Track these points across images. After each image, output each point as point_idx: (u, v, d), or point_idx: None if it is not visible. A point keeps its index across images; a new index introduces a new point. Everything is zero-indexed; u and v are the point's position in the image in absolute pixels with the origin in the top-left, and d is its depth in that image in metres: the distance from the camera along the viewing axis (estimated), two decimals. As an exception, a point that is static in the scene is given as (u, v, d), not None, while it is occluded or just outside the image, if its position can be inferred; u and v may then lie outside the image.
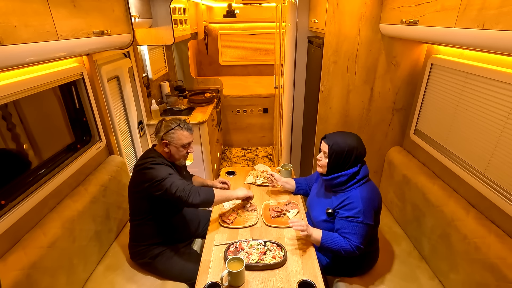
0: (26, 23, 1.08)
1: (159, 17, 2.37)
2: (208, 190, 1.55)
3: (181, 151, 1.61)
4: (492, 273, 1.23)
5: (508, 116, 1.28)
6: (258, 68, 4.91)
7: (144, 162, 1.53)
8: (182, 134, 1.58)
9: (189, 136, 1.62)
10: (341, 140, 1.44)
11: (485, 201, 1.41)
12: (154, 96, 3.03)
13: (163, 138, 1.57)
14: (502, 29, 0.99)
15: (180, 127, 1.58)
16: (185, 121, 1.64)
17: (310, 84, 2.43)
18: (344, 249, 1.38)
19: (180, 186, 1.47)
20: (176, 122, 1.59)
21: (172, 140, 1.57)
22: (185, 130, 1.59)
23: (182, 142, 1.58)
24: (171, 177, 1.49)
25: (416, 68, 2.00)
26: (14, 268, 1.18)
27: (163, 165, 1.53)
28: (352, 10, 1.85)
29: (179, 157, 1.63)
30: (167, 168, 1.53)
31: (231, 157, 4.15)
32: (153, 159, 1.55)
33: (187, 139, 1.60)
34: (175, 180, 1.48)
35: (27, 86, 1.33)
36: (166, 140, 1.57)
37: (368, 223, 1.38)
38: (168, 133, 1.57)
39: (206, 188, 1.56)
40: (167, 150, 1.60)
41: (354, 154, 1.42)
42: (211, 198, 1.53)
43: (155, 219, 1.59)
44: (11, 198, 1.29)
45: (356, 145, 1.43)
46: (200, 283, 1.26)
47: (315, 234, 1.42)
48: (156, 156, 1.58)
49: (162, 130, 1.58)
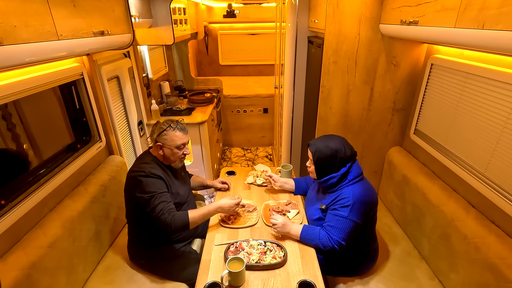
0: (26, 23, 1.08)
1: (159, 17, 2.37)
2: (182, 214, 1.46)
3: (176, 152, 1.56)
4: (492, 273, 1.23)
5: (508, 116, 1.28)
6: (258, 68, 4.91)
7: (137, 170, 1.49)
8: (175, 135, 1.53)
9: (183, 137, 1.56)
10: (322, 146, 1.46)
11: (485, 201, 1.41)
12: (154, 96, 3.03)
13: (156, 140, 1.54)
14: (502, 29, 0.99)
15: (171, 127, 1.54)
16: (178, 121, 1.59)
17: (310, 84, 2.43)
18: (323, 243, 1.40)
19: (162, 212, 1.42)
20: (168, 123, 1.55)
21: (166, 142, 1.53)
22: (177, 130, 1.55)
23: (176, 143, 1.54)
24: (157, 197, 1.44)
25: (416, 68, 2.00)
26: (14, 268, 1.17)
27: (154, 178, 1.47)
28: (352, 10, 1.85)
29: (174, 159, 1.59)
30: (157, 182, 1.48)
31: (231, 157, 4.15)
32: (146, 165, 1.51)
33: (180, 140, 1.55)
34: (159, 203, 1.43)
35: (27, 86, 1.33)
36: (159, 142, 1.54)
37: (354, 221, 1.38)
38: (161, 135, 1.53)
39: (181, 213, 1.47)
40: (162, 153, 1.56)
41: (339, 156, 1.43)
42: (186, 221, 1.44)
43: (146, 224, 1.54)
44: (11, 198, 1.29)
45: (339, 147, 1.44)
46: (200, 283, 1.26)
47: (293, 231, 1.46)
48: (150, 161, 1.54)
49: (156, 132, 1.55)
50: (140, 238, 1.62)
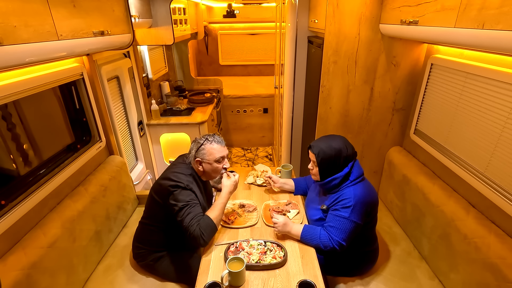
0: (26, 23, 1.08)
1: (159, 17, 2.37)
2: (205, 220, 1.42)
3: (215, 167, 1.53)
4: (492, 273, 1.23)
5: (508, 116, 1.28)
6: (258, 68, 4.91)
7: (176, 180, 1.45)
8: (213, 148, 1.51)
9: (221, 149, 1.53)
10: (325, 146, 1.45)
11: (485, 201, 1.41)
12: (154, 96, 3.04)
13: (195, 156, 1.52)
14: (502, 29, 0.99)
15: (208, 141, 1.52)
16: (215, 135, 1.57)
17: (310, 84, 2.43)
18: (323, 243, 1.40)
19: (191, 222, 1.38)
20: (204, 137, 1.53)
21: (204, 157, 1.51)
22: (214, 143, 1.52)
23: (215, 157, 1.51)
24: (190, 205, 1.41)
25: (416, 68, 2.00)
26: (14, 268, 1.17)
27: (190, 191, 1.45)
28: (352, 10, 1.85)
29: (215, 175, 1.56)
30: (192, 195, 1.45)
31: (231, 157, 4.15)
32: (184, 176, 1.48)
33: (219, 152, 1.52)
34: (189, 213, 1.40)
35: (27, 86, 1.33)
36: (198, 158, 1.52)
37: (355, 221, 1.38)
38: (199, 150, 1.51)
39: (203, 219, 1.42)
40: (202, 169, 1.54)
41: (343, 156, 1.43)
42: (211, 224, 1.41)
43: (167, 228, 1.55)
44: (11, 198, 1.29)
45: (342, 146, 1.44)
46: (200, 283, 1.26)
47: (294, 230, 1.45)
48: (188, 174, 1.51)
49: (194, 148, 1.53)
50: (150, 242, 1.60)
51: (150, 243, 1.61)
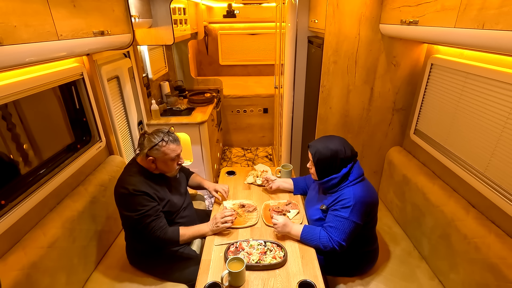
0: (26, 23, 1.08)
1: (159, 17, 2.37)
2: (174, 231, 1.49)
3: (170, 164, 1.50)
4: (492, 273, 1.23)
5: (508, 116, 1.28)
6: (258, 68, 4.91)
7: (123, 186, 1.44)
8: (168, 149, 1.46)
9: (176, 148, 1.49)
10: (322, 147, 1.46)
11: (485, 201, 1.41)
12: (154, 96, 3.04)
13: (148, 154, 1.45)
14: (502, 29, 0.99)
15: (164, 141, 1.45)
16: (169, 132, 1.51)
17: (310, 84, 2.43)
18: (323, 243, 1.40)
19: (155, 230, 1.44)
20: (159, 136, 1.46)
21: (158, 156, 1.46)
22: (170, 143, 1.47)
23: (170, 156, 1.48)
24: (145, 215, 1.42)
25: (416, 68, 2.00)
26: (14, 268, 1.17)
27: (138, 195, 1.42)
28: (352, 10, 1.85)
29: (169, 170, 1.53)
30: (142, 200, 1.43)
31: (231, 157, 4.15)
32: (131, 178, 1.46)
33: (174, 152, 1.48)
34: (150, 222, 1.43)
35: (27, 86, 1.33)
36: (151, 157, 1.46)
37: (355, 221, 1.38)
38: (152, 149, 1.44)
39: (172, 230, 1.49)
40: (154, 166, 1.49)
41: (339, 157, 1.43)
42: (175, 238, 1.48)
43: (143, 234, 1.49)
44: (11, 198, 1.29)
45: (340, 148, 1.44)
46: (200, 283, 1.26)
47: (294, 231, 1.46)
48: (135, 173, 1.48)
49: (146, 146, 1.45)
50: (137, 245, 1.61)
51: (137, 248, 1.61)
